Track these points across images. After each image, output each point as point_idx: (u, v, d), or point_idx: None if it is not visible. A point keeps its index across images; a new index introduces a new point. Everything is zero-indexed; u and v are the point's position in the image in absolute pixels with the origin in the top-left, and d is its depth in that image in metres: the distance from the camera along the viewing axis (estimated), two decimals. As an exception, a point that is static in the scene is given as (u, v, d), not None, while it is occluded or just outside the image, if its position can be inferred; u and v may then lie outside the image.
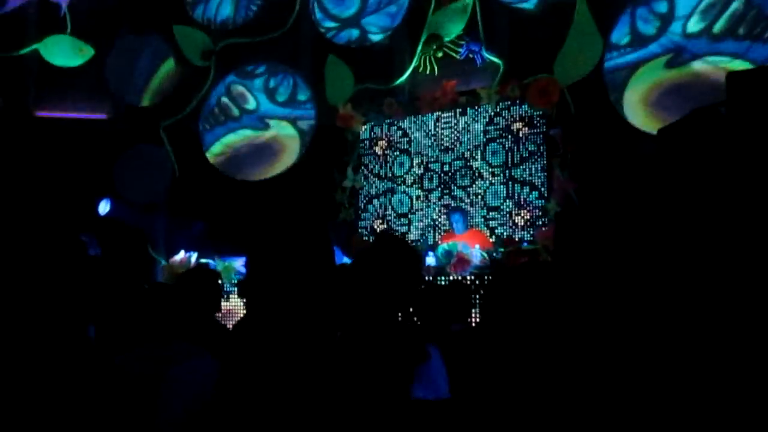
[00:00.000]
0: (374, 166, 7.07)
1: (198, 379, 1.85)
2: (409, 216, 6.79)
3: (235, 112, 7.56)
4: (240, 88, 7.59)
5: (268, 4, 7.46)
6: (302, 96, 7.29)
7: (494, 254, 5.29)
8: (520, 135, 6.33)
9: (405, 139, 6.93)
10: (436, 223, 6.63)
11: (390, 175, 6.96)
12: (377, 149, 7.05)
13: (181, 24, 7.66)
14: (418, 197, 6.78)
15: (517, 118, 6.37)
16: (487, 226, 6.35)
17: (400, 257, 1.72)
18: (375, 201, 7.02)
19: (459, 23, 6.50)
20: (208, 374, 1.70)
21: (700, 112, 2.34)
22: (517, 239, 6.11)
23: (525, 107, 6.33)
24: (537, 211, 6.14)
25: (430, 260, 5.30)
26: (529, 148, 6.27)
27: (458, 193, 6.55)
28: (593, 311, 1.71)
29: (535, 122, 6.29)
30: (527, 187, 6.24)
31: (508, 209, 6.30)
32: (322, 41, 7.17)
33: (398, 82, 6.81)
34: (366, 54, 6.97)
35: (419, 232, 6.70)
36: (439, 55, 6.67)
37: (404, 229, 6.77)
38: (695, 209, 1.98)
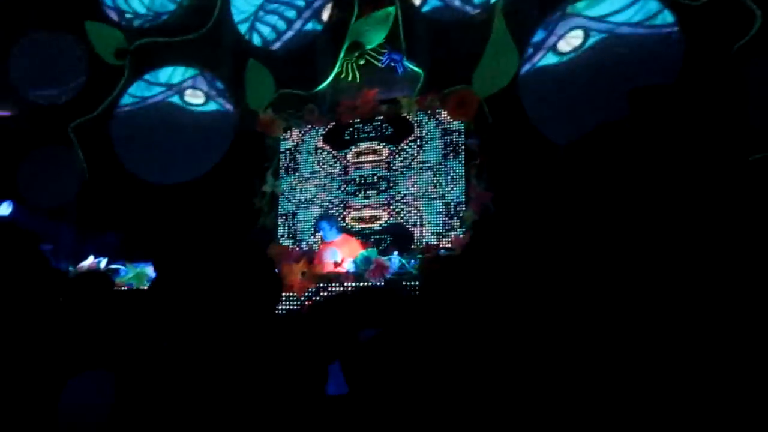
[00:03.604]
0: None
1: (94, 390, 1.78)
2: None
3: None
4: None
5: (188, 5, 7.30)
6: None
7: (412, 261, 5.35)
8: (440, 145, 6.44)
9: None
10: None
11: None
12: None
13: (94, 20, 7.37)
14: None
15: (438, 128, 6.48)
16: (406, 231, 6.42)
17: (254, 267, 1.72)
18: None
19: (381, 32, 6.57)
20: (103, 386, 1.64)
21: (604, 126, 2.45)
22: (435, 246, 6.20)
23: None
24: (455, 219, 6.26)
25: (349, 266, 5.31)
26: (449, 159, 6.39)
27: (377, 198, 6.59)
28: (504, 311, 1.76)
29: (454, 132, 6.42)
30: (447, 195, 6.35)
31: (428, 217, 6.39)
32: (243, 45, 7.08)
33: (320, 88, 6.79)
34: (287, 60, 6.93)
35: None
36: (362, 62, 6.71)
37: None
38: (601, 219, 2.08)
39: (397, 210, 6.49)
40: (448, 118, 6.37)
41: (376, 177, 6.62)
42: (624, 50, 5.51)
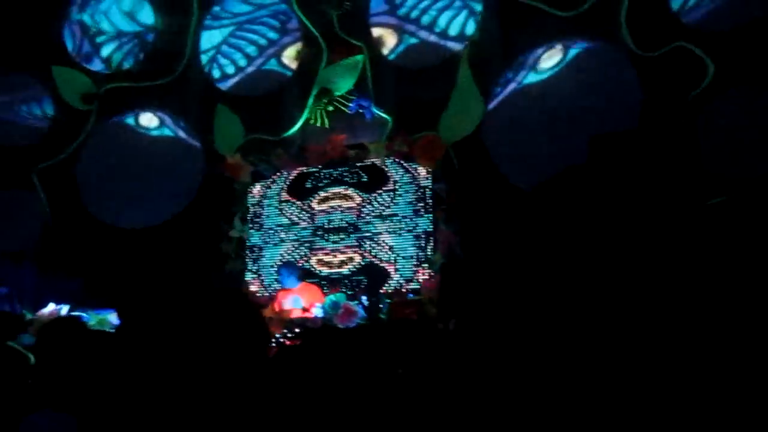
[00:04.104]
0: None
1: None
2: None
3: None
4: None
5: (156, 50, 7.34)
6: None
7: (381, 305, 5.33)
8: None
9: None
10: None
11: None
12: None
13: (60, 65, 7.35)
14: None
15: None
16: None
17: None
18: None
19: (350, 79, 6.68)
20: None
21: (568, 170, 2.53)
22: (403, 290, 6.20)
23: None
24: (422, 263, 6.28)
25: (317, 312, 5.27)
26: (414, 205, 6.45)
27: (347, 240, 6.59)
28: (477, 350, 1.77)
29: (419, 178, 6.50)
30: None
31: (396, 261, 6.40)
32: (212, 90, 7.12)
33: (288, 133, 6.84)
34: (256, 104, 6.98)
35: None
36: (330, 108, 6.79)
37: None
38: (566, 252, 2.13)
39: (368, 249, 6.48)
40: (423, 171, 6.43)
41: (345, 222, 6.63)
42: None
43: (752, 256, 1.72)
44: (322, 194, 6.76)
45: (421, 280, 6.18)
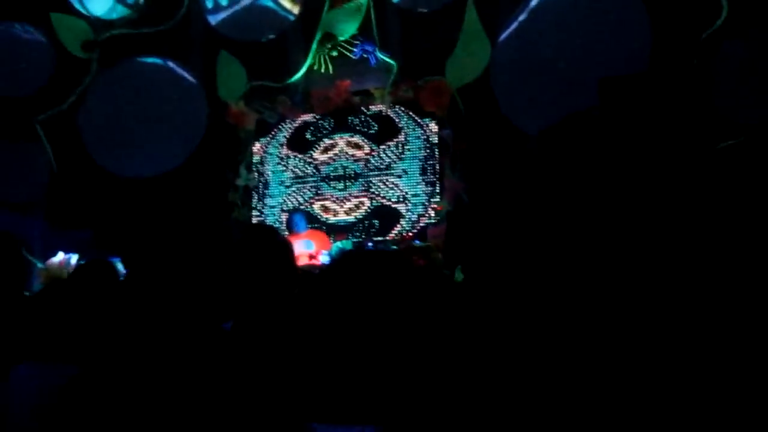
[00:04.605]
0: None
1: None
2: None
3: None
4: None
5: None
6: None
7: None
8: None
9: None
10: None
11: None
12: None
13: (59, 12, 7.21)
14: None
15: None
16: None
17: (270, 247, 1.71)
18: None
19: (353, 23, 6.53)
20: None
21: (575, 115, 2.48)
22: (409, 236, 6.21)
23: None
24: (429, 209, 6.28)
25: (324, 259, 5.31)
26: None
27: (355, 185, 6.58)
28: (482, 303, 1.77)
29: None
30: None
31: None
32: (214, 36, 6.99)
33: (292, 80, 6.75)
34: (259, 51, 6.86)
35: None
36: (334, 54, 6.68)
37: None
38: (573, 204, 2.11)
39: (377, 192, 6.48)
40: (434, 127, 6.34)
41: (351, 170, 6.61)
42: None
43: (764, 202, 1.70)
44: (327, 142, 6.72)
45: (433, 216, 6.14)
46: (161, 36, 7.08)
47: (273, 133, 6.94)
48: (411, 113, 6.46)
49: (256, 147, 6.97)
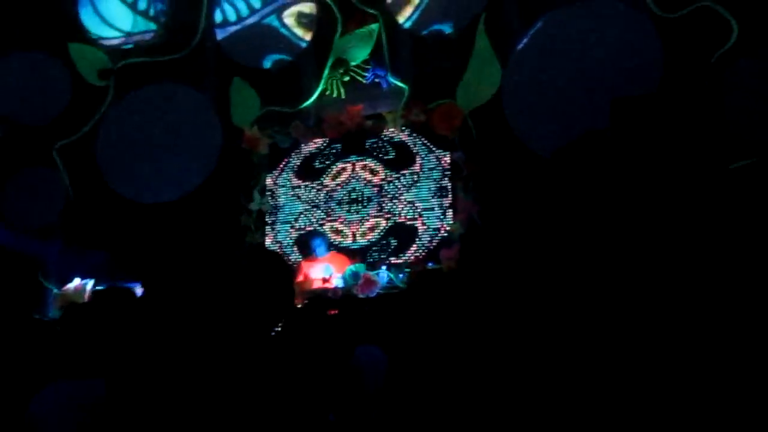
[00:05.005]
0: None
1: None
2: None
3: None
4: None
5: (171, 24, 7.31)
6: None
7: (400, 275, 5.35)
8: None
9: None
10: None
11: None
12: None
13: (76, 41, 7.36)
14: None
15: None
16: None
17: (272, 271, 1.73)
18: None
19: (365, 48, 6.62)
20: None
21: (588, 135, 2.49)
22: (423, 259, 6.20)
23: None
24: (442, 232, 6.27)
25: (338, 282, 5.31)
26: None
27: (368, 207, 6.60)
28: (496, 322, 1.77)
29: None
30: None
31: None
32: (227, 63, 7.10)
33: (305, 105, 6.82)
34: (272, 77, 6.96)
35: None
36: (346, 79, 6.75)
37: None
38: (587, 219, 2.11)
39: (392, 211, 6.48)
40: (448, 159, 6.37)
41: (364, 194, 6.63)
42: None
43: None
44: (338, 167, 6.76)
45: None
46: (176, 63, 7.20)
47: (282, 165, 6.98)
48: (427, 142, 6.47)
49: (267, 180, 7.01)
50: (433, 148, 6.45)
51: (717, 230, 1.78)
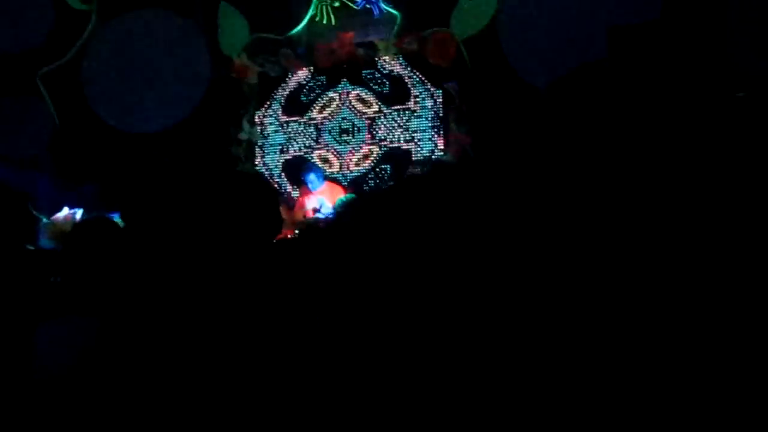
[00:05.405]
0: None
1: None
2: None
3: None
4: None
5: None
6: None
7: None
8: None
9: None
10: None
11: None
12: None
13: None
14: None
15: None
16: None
17: (255, 194, 1.70)
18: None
19: (356, -28, 6.39)
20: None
21: (585, 67, 2.42)
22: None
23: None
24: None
25: (327, 211, 5.32)
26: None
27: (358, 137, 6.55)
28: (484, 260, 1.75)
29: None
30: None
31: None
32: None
33: (294, 32, 6.63)
34: (261, 2, 6.73)
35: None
36: (336, 4, 6.54)
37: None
38: (582, 160, 2.07)
39: (384, 138, 6.43)
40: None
41: (354, 124, 6.54)
42: None
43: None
44: (324, 99, 6.64)
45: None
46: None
47: (268, 103, 6.84)
48: (423, 78, 6.32)
49: (256, 117, 6.88)
50: (429, 86, 6.32)
51: (720, 167, 1.73)
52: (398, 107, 6.41)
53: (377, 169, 6.42)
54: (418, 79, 6.38)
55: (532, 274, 1.58)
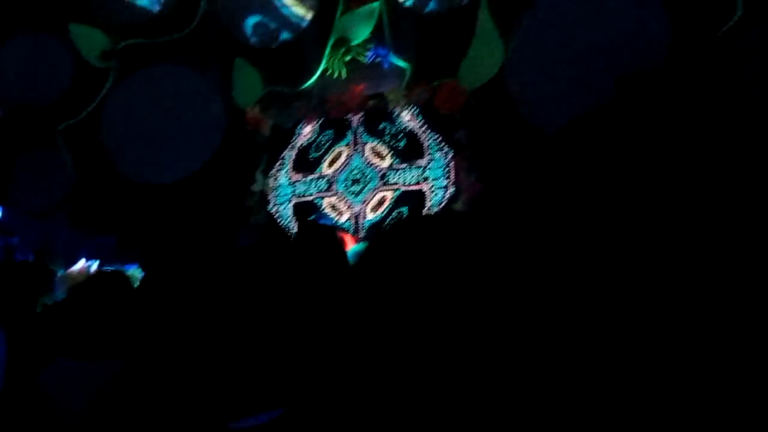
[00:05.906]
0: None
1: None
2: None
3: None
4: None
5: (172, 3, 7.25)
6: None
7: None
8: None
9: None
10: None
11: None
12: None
13: (79, 22, 7.31)
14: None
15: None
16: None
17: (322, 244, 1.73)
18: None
19: (366, 27, 6.55)
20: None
21: (592, 113, 2.46)
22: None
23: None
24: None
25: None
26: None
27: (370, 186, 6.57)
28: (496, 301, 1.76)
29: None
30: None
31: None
32: (229, 42, 7.04)
33: (307, 85, 6.78)
34: (274, 57, 6.90)
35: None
36: (347, 58, 6.69)
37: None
38: (592, 204, 2.09)
39: (395, 181, 6.44)
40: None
41: (366, 174, 6.59)
42: None
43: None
44: (333, 153, 6.71)
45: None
46: (178, 44, 7.15)
47: (279, 164, 6.93)
48: (440, 138, 6.35)
49: (270, 183, 6.95)
50: (440, 138, 6.35)
51: (727, 210, 1.75)
52: (411, 162, 6.44)
53: (395, 213, 6.39)
54: (431, 133, 6.42)
55: (541, 318, 1.59)
